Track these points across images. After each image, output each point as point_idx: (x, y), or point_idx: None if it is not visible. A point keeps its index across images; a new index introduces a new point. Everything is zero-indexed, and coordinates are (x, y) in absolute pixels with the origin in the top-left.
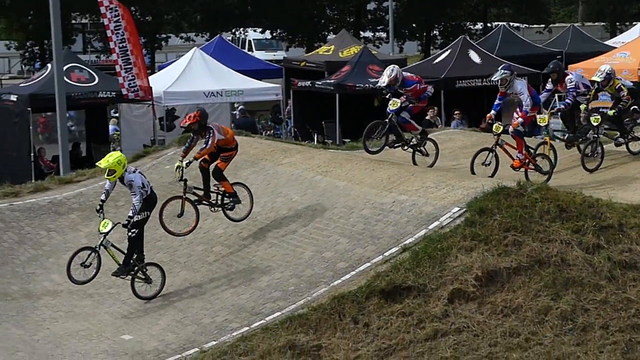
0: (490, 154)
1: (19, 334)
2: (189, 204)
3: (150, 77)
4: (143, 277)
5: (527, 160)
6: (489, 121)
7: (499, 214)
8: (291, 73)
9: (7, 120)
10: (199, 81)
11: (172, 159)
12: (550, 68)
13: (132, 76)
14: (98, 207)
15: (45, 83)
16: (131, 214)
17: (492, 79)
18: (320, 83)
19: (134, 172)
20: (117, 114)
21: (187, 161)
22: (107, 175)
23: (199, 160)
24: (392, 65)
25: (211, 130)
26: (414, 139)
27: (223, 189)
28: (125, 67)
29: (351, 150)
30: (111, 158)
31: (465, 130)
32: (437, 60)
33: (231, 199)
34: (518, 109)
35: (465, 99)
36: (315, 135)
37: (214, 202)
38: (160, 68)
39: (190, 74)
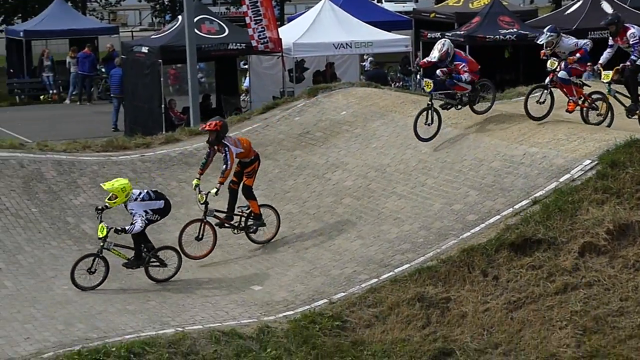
0: (545, 91)
1: (150, 283)
2: (208, 228)
3: (279, 29)
4: (157, 262)
5: (581, 98)
6: (544, 57)
7: (632, 166)
8: (421, 24)
9: (139, 72)
10: (328, 33)
11: (302, 111)
12: (607, 20)
13: (262, 28)
14: (99, 207)
15: (176, 35)
16: (126, 229)
17: (538, 42)
18: (450, 34)
19: (136, 199)
20: (246, 66)
21: (215, 189)
22: (108, 199)
23: (227, 182)
24: (444, 39)
25: (227, 147)
26: (464, 97)
27: (249, 210)
28: (255, 18)
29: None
30: (117, 183)
31: (596, 81)
32: (568, 11)
33: (255, 222)
34: (563, 64)
35: (597, 50)
36: None
37: (236, 224)
38: (290, 20)
39: (320, 25)
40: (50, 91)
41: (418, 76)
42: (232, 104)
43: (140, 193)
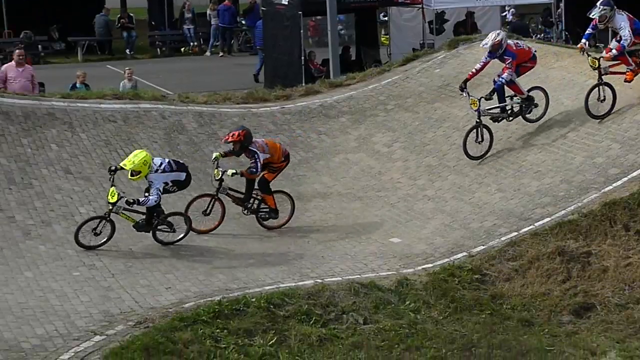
0: (601, 87)
1: (289, 235)
2: (218, 204)
3: None
4: (165, 226)
5: (638, 63)
6: (581, 51)
7: None
8: None
9: (279, 24)
10: None
11: (442, 63)
12: None
13: None
14: (112, 167)
15: None
16: (140, 200)
17: (591, 15)
18: None
19: (157, 170)
20: (386, 18)
21: (233, 171)
22: (131, 175)
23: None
24: (499, 30)
25: (256, 155)
26: (514, 106)
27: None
28: None
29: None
30: (136, 159)
31: None
32: None
33: (268, 210)
34: (615, 41)
35: None
36: None
37: (249, 206)
38: None
39: None
40: (191, 43)
41: (464, 93)
42: (371, 56)
43: (161, 163)
